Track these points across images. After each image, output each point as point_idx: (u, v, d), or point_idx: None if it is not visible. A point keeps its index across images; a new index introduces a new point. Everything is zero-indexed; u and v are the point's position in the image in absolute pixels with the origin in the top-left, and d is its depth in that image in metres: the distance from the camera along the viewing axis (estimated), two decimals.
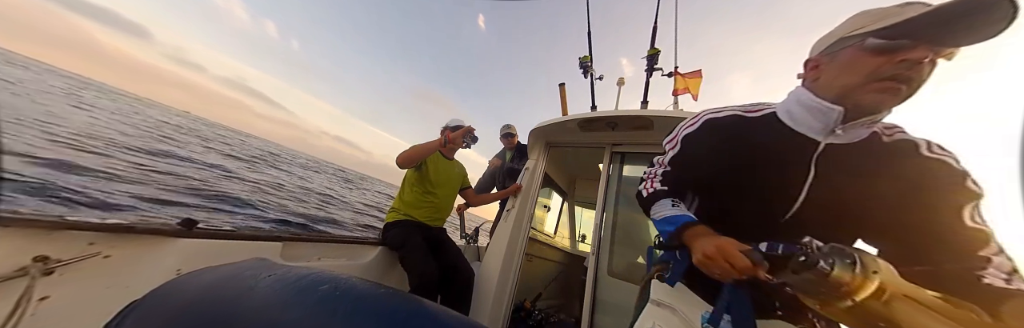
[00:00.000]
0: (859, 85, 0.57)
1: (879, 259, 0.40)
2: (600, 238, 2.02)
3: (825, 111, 0.61)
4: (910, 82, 0.54)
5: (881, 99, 0.56)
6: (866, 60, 0.56)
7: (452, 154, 2.23)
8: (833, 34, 0.62)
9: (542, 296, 2.88)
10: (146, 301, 0.47)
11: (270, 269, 0.49)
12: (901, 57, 0.52)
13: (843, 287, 0.38)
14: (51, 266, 0.88)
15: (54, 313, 0.90)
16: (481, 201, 2.56)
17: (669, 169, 0.84)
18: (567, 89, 2.67)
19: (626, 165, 2.19)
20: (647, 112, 1.89)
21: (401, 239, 1.85)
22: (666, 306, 0.77)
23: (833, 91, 0.61)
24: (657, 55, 2.54)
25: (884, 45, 0.54)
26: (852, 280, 0.38)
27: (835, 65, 0.61)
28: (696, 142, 0.78)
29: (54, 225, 0.89)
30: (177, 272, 1.07)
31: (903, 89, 0.54)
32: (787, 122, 0.68)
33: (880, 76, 0.55)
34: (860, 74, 0.56)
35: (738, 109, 0.76)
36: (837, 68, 0.60)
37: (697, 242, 0.62)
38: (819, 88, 0.63)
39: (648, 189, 0.84)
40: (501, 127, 3.35)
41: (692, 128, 0.79)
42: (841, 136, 0.63)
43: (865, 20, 0.57)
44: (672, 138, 0.83)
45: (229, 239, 1.24)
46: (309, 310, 0.38)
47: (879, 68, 0.54)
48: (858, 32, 0.56)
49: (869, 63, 0.55)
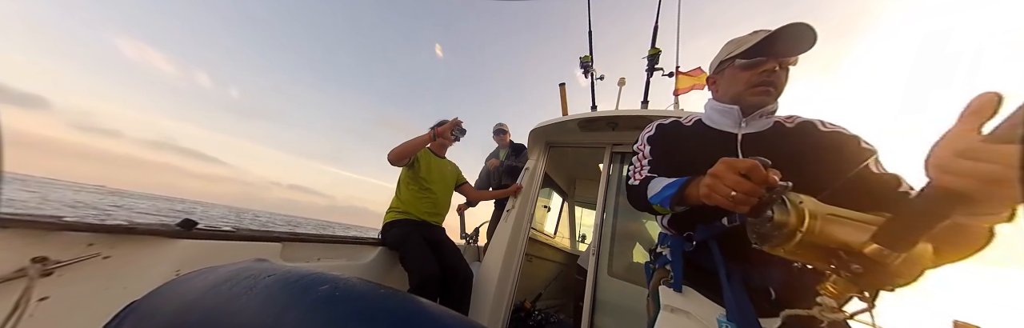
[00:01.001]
0: (742, 91, 0.81)
1: (798, 194, 0.47)
2: (600, 238, 2.01)
3: (728, 110, 0.85)
4: (775, 84, 0.78)
5: (760, 98, 0.79)
6: (740, 74, 0.81)
7: (443, 152, 2.23)
8: (716, 59, 0.88)
9: (542, 296, 2.88)
10: (145, 302, 0.47)
11: (270, 269, 0.49)
12: (761, 69, 0.77)
13: (786, 226, 0.45)
14: (50, 267, 0.88)
15: (53, 314, 0.89)
16: (480, 197, 2.58)
17: (652, 158, 0.93)
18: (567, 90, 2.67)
19: (626, 165, 2.19)
20: (648, 112, 1.89)
21: (400, 238, 1.85)
22: (680, 311, 0.77)
23: (728, 97, 0.85)
24: (658, 55, 2.54)
25: (747, 63, 0.79)
26: (788, 216, 0.45)
27: (724, 80, 0.86)
28: (655, 142, 0.95)
29: (53, 226, 0.89)
30: (176, 273, 1.07)
31: (772, 90, 0.78)
32: (709, 124, 0.91)
33: (753, 83, 0.79)
34: (740, 84, 0.81)
35: (677, 118, 0.99)
36: (725, 82, 0.86)
37: (703, 177, 0.58)
38: (720, 97, 0.89)
39: (636, 178, 0.87)
40: (494, 125, 3.35)
41: (650, 132, 0.98)
42: (749, 126, 0.84)
43: (731, 46, 0.83)
44: (640, 142, 0.98)
45: (228, 240, 1.24)
46: (308, 311, 0.38)
47: (750, 78, 0.79)
48: (730, 56, 0.81)
49: (742, 76, 0.80)
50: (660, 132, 0.97)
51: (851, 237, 0.42)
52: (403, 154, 1.89)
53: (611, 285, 1.94)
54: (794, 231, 0.44)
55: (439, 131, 1.97)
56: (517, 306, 2.41)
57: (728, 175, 0.50)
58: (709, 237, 0.75)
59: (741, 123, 0.83)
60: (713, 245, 0.74)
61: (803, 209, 0.44)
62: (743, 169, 0.48)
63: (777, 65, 0.76)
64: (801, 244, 0.44)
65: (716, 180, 0.51)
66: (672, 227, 0.88)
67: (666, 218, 0.90)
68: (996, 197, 0.31)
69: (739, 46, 0.80)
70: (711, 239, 0.75)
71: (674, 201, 0.65)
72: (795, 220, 0.44)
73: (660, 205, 0.70)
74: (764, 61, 0.76)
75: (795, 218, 0.44)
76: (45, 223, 0.88)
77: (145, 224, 1.08)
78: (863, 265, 0.40)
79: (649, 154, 0.93)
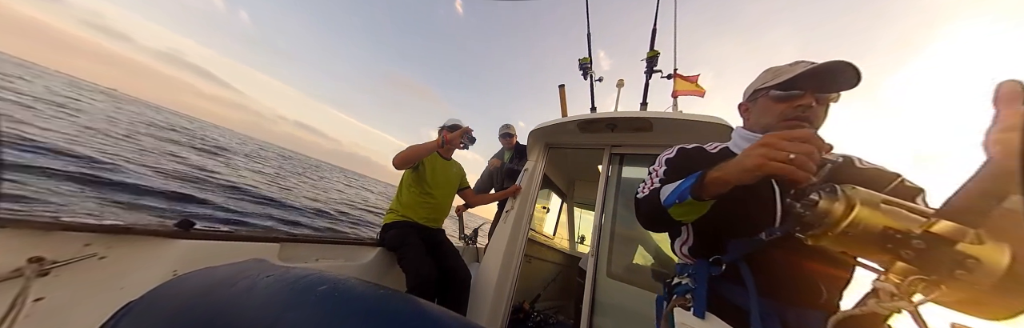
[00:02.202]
0: (774, 124, 0.75)
1: (852, 186, 0.45)
2: (599, 240, 2.01)
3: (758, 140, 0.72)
4: (810, 120, 0.71)
5: None
6: (773, 106, 0.75)
7: (449, 154, 2.23)
8: (751, 86, 0.83)
9: (541, 297, 2.87)
10: (142, 302, 0.47)
11: (268, 270, 0.49)
12: (797, 103, 0.71)
13: (832, 214, 0.43)
14: (46, 267, 0.87)
15: (49, 314, 0.89)
16: (480, 201, 2.56)
17: (664, 178, 0.86)
18: (566, 91, 2.68)
19: (625, 166, 2.19)
20: (647, 114, 1.90)
21: (399, 240, 1.84)
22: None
23: (760, 127, 0.80)
24: (656, 57, 2.55)
25: (782, 95, 0.73)
26: (835, 203, 0.43)
27: (756, 109, 0.81)
28: (675, 164, 0.89)
29: (49, 226, 0.89)
30: (173, 273, 1.06)
31: (806, 125, 0.71)
32: (738, 152, 0.76)
33: (786, 117, 0.73)
34: (772, 116, 0.75)
35: (699, 144, 0.93)
36: (758, 112, 0.81)
37: (734, 160, 0.55)
38: (751, 126, 0.84)
39: (646, 189, 0.83)
40: (500, 127, 3.35)
41: (670, 154, 0.92)
42: None
43: (768, 75, 0.78)
44: (656, 164, 0.93)
45: (226, 240, 1.24)
46: (308, 311, 0.37)
47: (784, 111, 0.73)
48: (765, 86, 0.76)
49: (776, 108, 0.75)
50: (680, 155, 0.90)
51: (908, 223, 0.39)
52: (408, 160, 1.87)
53: (610, 287, 1.94)
54: (840, 219, 0.42)
55: (448, 138, 1.95)
56: (516, 307, 2.41)
57: (783, 141, 0.48)
58: (740, 259, 0.68)
59: None
60: (745, 271, 0.67)
61: (853, 196, 0.42)
62: (799, 136, 0.47)
63: (814, 100, 0.70)
64: (851, 229, 0.41)
65: (768, 148, 0.49)
66: (695, 253, 0.80)
67: (686, 245, 0.82)
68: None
69: (776, 76, 0.75)
70: (742, 262, 0.68)
71: (694, 191, 0.59)
72: (842, 207, 0.42)
73: (679, 202, 0.63)
74: (801, 95, 0.71)
75: (842, 205, 0.42)
76: (42, 223, 0.87)
77: (143, 224, 1.07)
78: (926, 241, 0.36)
79: (663, 174, 0.86)
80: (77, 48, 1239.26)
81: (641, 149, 2.13)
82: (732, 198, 0.62)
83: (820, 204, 0.44)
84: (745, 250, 0.67)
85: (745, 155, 0.52)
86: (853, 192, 0.43)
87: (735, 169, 0.53)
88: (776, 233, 0.59)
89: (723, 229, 0.74)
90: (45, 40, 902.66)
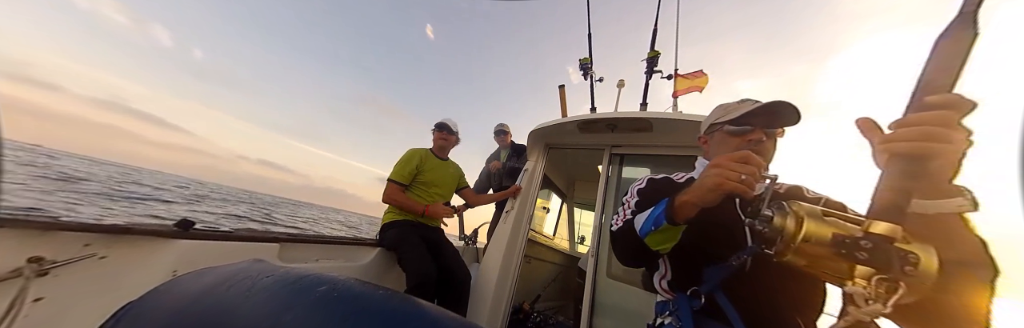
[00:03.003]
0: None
1: (795, 202, 0.52)
2: (599, 240, 2.01)
3: None
4: (761, 153, 0.78)
5: None
6: (729, 140, 0.84)
7: (445, 154, 2.22)
8: (706, 121, 0.93)
9: (541, 298, 2.87)
10: (142, 302, 0.47)
11: (268, 270, 0.48)
12: (747, 138, 0.80)
13: (786, 228, 0.48)
14: (46, 267, 0.87)
15: (48, 315, 0.89)
16: (480, 201, 2.56)
17: (635, 209, 0.90)
18: (566, 91, 2.68)
19: (625, 167, 2.20)
20: (647, 114, 1.90)
21: (398, 239, 1.84)
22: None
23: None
24: (657, 57, 2.55)
25: (735, 130, 0.82)
26: (786, 219, 0.49)
27: (713, 143, 0.90)
28: (645, 193, 0.94)
29: (49, 226, 0.89)
30: (173, 273, 1.06)
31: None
32: None
33: (739, 149, 0.74)
34: (728, 149, 0.83)
35: (668, 175, 1.00)
36: (715, 145, 0.90)
37: (693, 184, 0.62)
38: (711, 157, 0.90)
39: (622, 219, 0.85)
40: (495, 126, 3.34)
41: (641, 185, 0.97)
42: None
43: (720, 112, 0.88)
44: (628, 195, 0.98)
45: (226, 240, 1.24)
46: (307, 311, 0.37)
47: (738, 145, 0.81)
48: (719, 121, 0.85)
49: (730, 142, 0.83)
50: (650, 186, 0.96)
51: (850, 229, 0.45)
52: (394, 204, 1.98)
53: (610, 287, 1.94)
54: (795, 233, 0.47)
55: (429, 212, 1.95)
56: (516, 308, 2.41)
57: (730, 162, 0.57)
58: (717, 287, 0.71)
59: None
60: (722, 300, 0.69)
61: (799, 210, 0.49)
62: (741, 158, 0.57)
63: (764, 135, 0.79)
64: (807, 239, 0.46)
65: (720, 168, 0.57)
66: (674, 287, 0.83)
67: (665, 279, 0.85)
68: (934, 153, 0.42)
69: (727, 112, 0.84)
70: (719, 292, 0.71)
71: (668, 216, 0.64)
72: (793, 222, 0.49)
73: (655, 229, 0.67)
74: (750, 130, 0.80)
75: (793, 220, 0.49)
76: (41, 223, 0.87)
77: (142, 224, 1.07)
78: (871, 241, 0.41)
79: (635, 205, 0.91)
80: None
81: (641, 149, 2.13)
82: (702, 223, 0.68)
83: (775, 220, 0.51)
84: (721, 276, 0.70)
85: (703, 176, 0.60)
86: (798, 207, 0.50)
87: (698, 191, 0.60)
88: (745, 255, 0.63)
89: (698, 257, 0.77)
90: None
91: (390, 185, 1.96)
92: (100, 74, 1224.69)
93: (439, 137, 2.16)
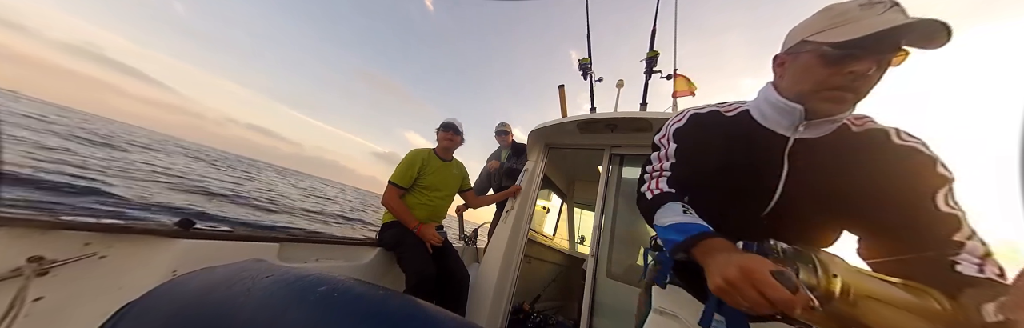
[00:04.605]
0: (811, 93, 0.60)
1: (837, 258, 0.44)
2: (599, 240, 2.01)
3: (788, 110, 0.64)
4: (856, 91, 0.57)
5: (829, 107, 0.60)
6: (817, 69, 0.58)
7: (448, 155, 2.20)
8: (798, 32, 0.63)
9: (541, 298, 2.87)
10: (142, 302, 0.47)
11: (268, 270, 0.49)
12: (848, 69, 0.55)
13: (815, 290, 0.42)
14: (46, 266, 0.87)
15: (48, 314, 0.89)
16: (481, 203, 2.54)
17: (675, 161, 0.78)
18: (566, 91, 2.68)
19: (625, 167, 2.19)
20: (647, 114, 1.90)
21: (398, 239, 1.84)
22: (668, 314, 0.76)
23: (792, 93, 0.64)
24: (656, 57, 2.54)
25: (834, 55, 0.56)
26: (817, 285, 0.41)
27: (795, 68, 0.63)
28: (685, 135, 0.79)
29: (49, 225, 0.89)
30: (173, 273, 1.06)
31: (849, 97, 0.58)
32: (758, 119, 0.71)
33: (828, 86, 0.58)
34: (811, 82, 0.60)
35: (716, 107, 0.79)
36: (795, 72, 0.63)
37: (714, 260, 0.51)
38: (782, 88, 0.67)
39: (653, 190, 0.76)
40: (496, 125, 3.34)
41: (680, 123, 0.80)
42: (807, 131, 0.65)
43: (826, 21, 0.57)
44: (663, 134, 0.83)
45: (226, 240, 1.24)
46: (307, 311, 0.37)
47: (828, 78, 0.57)
48: (818, 39, 0.57)
49: (820, 73, 0.58)
50: (692, 123, 0.79)
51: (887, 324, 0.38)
52: (390, 210, 1.94)
53: (610, 287, 1.94)
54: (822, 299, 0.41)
55: (420, 231, 1.86)
56: (516, 308, 2.41)
57: (748, 293, 0.43)
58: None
59: (799, 127, 0.65)
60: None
61: (835, 284, 0.41)
62: (772, 298, 0.42)
63: (875, 65, 0.54)
64: (819, 314, 0.41)
65: (731, 289, 0.45)
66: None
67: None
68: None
69: (838, 24, 0.55)
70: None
71: (683, 249, 0.58)
72: (820, 292, 0.41)
73: (666, 243, 0.64)
74: (859, 56, 0.54)
75: (822, 289, 0.42)
76: (41, 222, 0.87)
77: (142, 224, 1.07)
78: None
79: (673, 154, 0.78)
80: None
81: (641, 149, 2.13)
82: (731, 167, 0.63)
83: (800, 276, 0.44)
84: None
85: (712, 269, 0.50)
86: (835, 276, 0.42)
87: (710, 273, 0.51)
88: (754, 249, 0.57)
89: (716, 208, 0.72)
90: None
91: (390, 188, 1.95)
92: (74, 19, 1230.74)
93: (444, 137, 2.12)
